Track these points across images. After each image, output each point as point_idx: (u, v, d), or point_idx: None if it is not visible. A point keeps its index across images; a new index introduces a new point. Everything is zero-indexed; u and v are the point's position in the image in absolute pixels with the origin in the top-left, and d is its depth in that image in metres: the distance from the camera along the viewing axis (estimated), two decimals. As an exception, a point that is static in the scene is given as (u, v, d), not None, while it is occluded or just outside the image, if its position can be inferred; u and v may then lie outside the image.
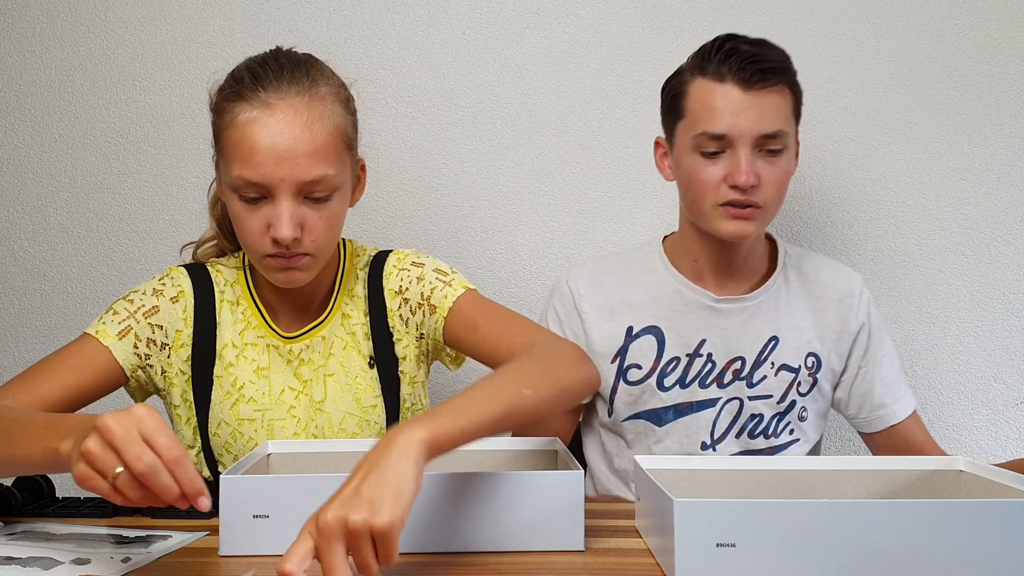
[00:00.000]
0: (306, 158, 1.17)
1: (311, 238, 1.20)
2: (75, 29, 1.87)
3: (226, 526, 0.96)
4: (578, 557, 0.96)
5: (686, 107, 1.39)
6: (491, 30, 1.83)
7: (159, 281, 1.30)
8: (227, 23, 1.85)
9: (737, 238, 1.38)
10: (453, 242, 1.84)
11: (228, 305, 1.31)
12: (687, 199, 1.42)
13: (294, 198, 1.18)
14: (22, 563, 0.92)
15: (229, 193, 1.21)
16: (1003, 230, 1.80)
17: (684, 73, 1.42)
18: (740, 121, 1.34)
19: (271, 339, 1.31)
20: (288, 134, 1.16)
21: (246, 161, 1.16)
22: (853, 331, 1.48)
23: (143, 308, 1.27)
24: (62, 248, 1.89)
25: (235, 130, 1.18)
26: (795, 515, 0.83)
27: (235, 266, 1.35)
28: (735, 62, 1.34)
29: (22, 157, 1.89)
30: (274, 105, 1.17)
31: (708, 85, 1.36)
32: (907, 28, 1.79)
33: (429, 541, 0.96)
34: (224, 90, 1.22)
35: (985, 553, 0.83)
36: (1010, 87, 1.79)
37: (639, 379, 1.46)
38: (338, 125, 1.21)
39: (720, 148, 1.36)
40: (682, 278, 1.48)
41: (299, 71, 1.21)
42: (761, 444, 1.46)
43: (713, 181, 1.36)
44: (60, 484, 1.25)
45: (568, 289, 1.50)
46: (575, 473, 0.98)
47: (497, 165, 1.84)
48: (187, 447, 1.31)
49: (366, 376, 1.31)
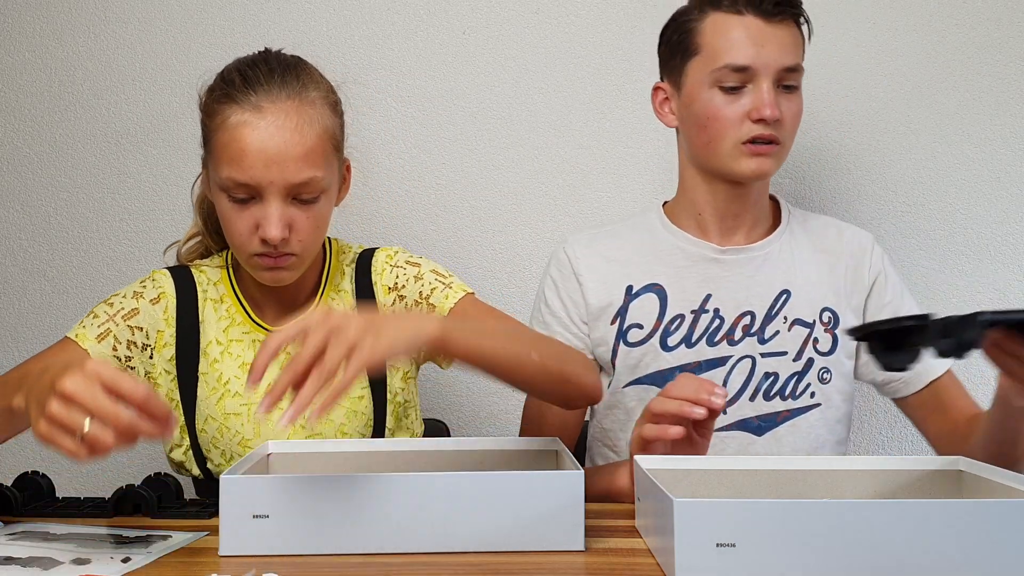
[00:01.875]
0: (295, 161, 1.19)
1: (298, 238, 1.23)
2: (75, 29, 1.87)
3: (226, 526, 0.96)
4: (578, 557, 0.96)
5: (700, 42, 1.36)
6: (491, 30, 1.83)
7: (140, 284, 1.33)
8: (227, 23, 1.85)
9: (757, 176, 1.36)
10: (453, 242, 1.84)
11: (211, 303, 1.33)
12: (700, 140, 1.38)
13: (283, 199, 1.20)
14: (22, 563, 0.92)
15: (218, 193, 1.23)
16: (1003, 230, 1.80)
17: (691, 11, 1.39)
18: (764, 52, 1.32)
19: (256, 334, 1.32)
20: (278, 137, 1.18)
21: (236, 163, 1.19)
22: (867, 283, 1.44)
23: (123, 311, 1.29)
24: (62, 248, 1.89)
25: (225, 132, 1.20)
26: (795, 515, 0.83)
27: (218, 265, 1.36)
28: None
29: (22, 157, 1.89)
30: (265, 108, 1.19)
31: (725, 18, 1.34)
32: (907, 28, 1.79)
33: (429, 541, 0.96)
34: (214, 91, 1.24)
35: (985, 553, 0.83)
36: (1010, 87, 1.79)
37: (640, 340, 1.42)
38: (326, 128, 1.24)
39: (741, 82, 1.33)
40: (682, 233, 1.44)
41: (289, 75, 1.23)
42: (779, 406, 1.40)
43: (736, 117, 1.33)
44: (60, 484, 1.25)
45: (565, 255, 1.47)
46: (575, 473, 0.98)
47: (497, 165, 1.84)
48: (175, 445, 1.32)
49: None
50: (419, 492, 0.96)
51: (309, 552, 0.96)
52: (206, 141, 1.25)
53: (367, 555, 0.95)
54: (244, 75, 1.22)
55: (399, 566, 0.92)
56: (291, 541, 0.96)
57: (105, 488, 1.55)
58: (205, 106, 1.25)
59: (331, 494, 0.96)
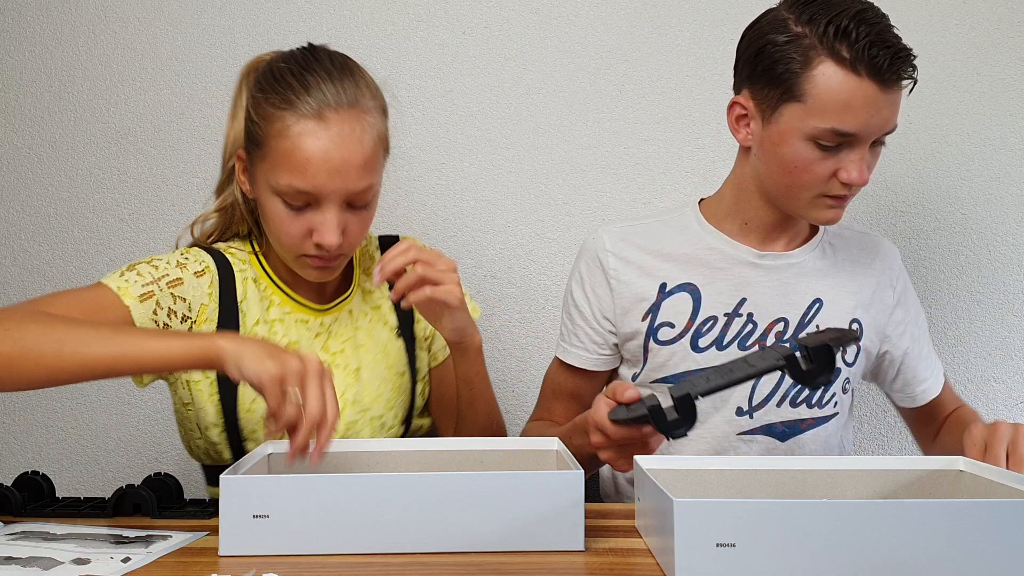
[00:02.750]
0: (356, 170, 1.20)
1: (349, 241, 1.25)
2: (75, 29, 1.87)
3: (226, 526, 0.96)
4: (578, 557, 0.96)
5: (807, 91, 1.26)
6: (491, 30, 1.83)
7: (181, 255, 1.29)
8: (227, 23, 1.85)
9: (830, 223, 1.36)
10: (453, 242, 1.84)
11: (251, 283, 1.32)
12: (781, 181, 1.33)
13: (340, 206, 1.22)
14: (22, 563, 0.92)
15: (270, 195, 1.23)
16: (1003, 230, 1.81)
17: (799, 43, 1.26)
18: (873, 122, 1.26)
19: (299, 313, 1.32)
20: (342, 148, 1.19)
21: (299, 172, 1.19)
22: (891, 304, 1.45)
23: (167, 277, 1.25)
24: (62, 248, 1.89)
25: (287, 140, 1.19)
26: (795, 515, 0.83)
27: (245, 249, 1.35)
28: (878, 58, 1.23)
29: (22, 157, 1.89)
30: (328, 118, 1.19)
31: (842, 75, 1.24)
32: (907, 28, 1.78)
33: (429, 541, 0.96)
34: (268, 93, 1.22)
35: (985, 553, 0.83)
36: (1010, 87, 1.79)
37: (671, 339, 1.40)
38: (380, 133, 1.25)
39: (840, 143, 1.28)
40: (720, 234, 1.42)
41: (347, 80, 1.23)
42: (804, 413, 1.39)
43: (825, 174, 1.29)
44: (60, 484, 1.25)
45: (594, 246, 1.45)
46: (575, 473, 0.98)
47: (497, 165, 1.84)
48: (211, 424, 1.30)
49: (395, 345, 1.37)
50: (419, 492, 0.96)
51: (309, 552, 0.96)
52: (259, 143, 1.23)
53: (367, 555, 0.95)
54: (301, 79, 1.21)
55: (399, 566, 0.92)
56: (291, 541, 0.96)
57: (105, 488, 1.55)
58: (259, 108, 1.23)
59: (331, 494, 0.96)
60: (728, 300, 1.40)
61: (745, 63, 1.34)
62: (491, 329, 1.84)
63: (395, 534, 0.96)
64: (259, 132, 1.22)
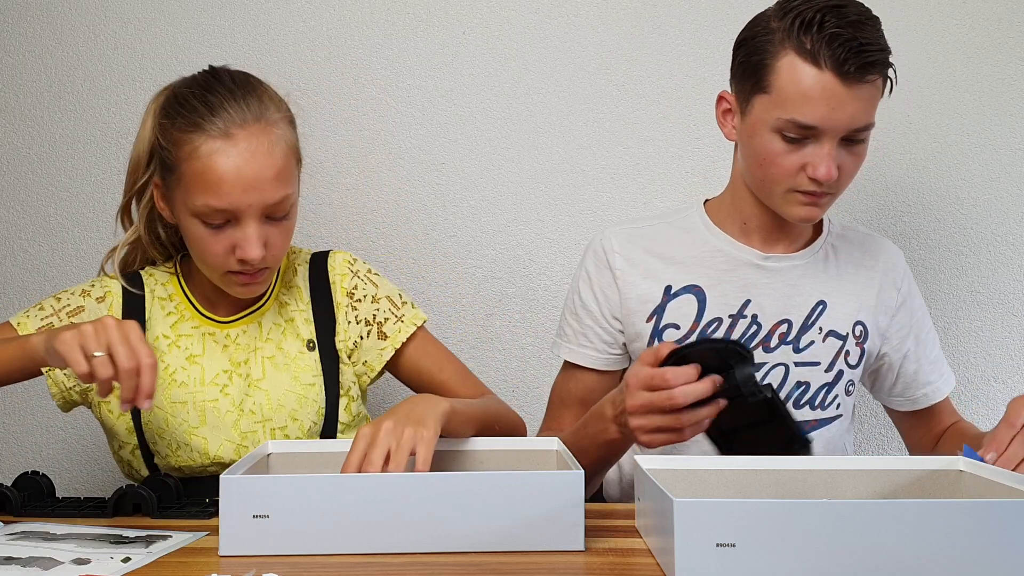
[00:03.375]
0: (270, 183, 1.23)
1: (272, 253, 1.27)
2: (75, 29, 1.87)
3: (226, 526, 0.96)
4: (578, 557, 0.96)
5: (772, 83, 1.27)
6: (491, 30, 1.83)
7: (89, 284, 1.37)
8: (226, 23, 1.85)
9: (805, 221, 1.35)
10: (453, 242, 1.84)
11: (159, 301, 1.36)
12: (756, 174, 1.34)
13: (259, 220, 1.24)
14: (22, 563, 0.92)
15: (189, 218, 1.25)
16: (1003, 230, 1.80)
17: (772, 35, 1.28)
18: (835, 116, 1.25)
19: (206, 327, 1.35)
20: (253, 163, 1.22)
21: (213, 191, 1.21)
22: (894, 306, 1.45)
23: (68, 307, 1.33)
24: (62, 248, 1.88)
25: (198, 161, 1.22)
26: (795, 515, 0.83)
27: (167, 270, 1.40)
28: (840, 50, 1.22)
29: (22, 157, 1.89)
30: (235, 135, 1.22)
31: (803, 68, 1.24)
32: (907, 28, 1.79)
33: (429, 541, 0.96)
34: (174, 118, 1.25)
35: (985, 553, 0.83)
36: (1010, 87, 1.79)
37: (676, 341, 1.38)
38: (290, 144, 1.28)
39: (805, 136, 1.27)
40: (725, 236, 1.42)
41: (250, 96, 1.26)
42: (808, 415, 1.39)
43: (792, 167, 1.29)
44: (60, 484, 1.25)
45: (602, 247, 1.45)
46: (575, 473, 0.98)
47: (497, 165, 1.84)
48: (123, 444, 1.35)
49: (304, 357, 1.36)
50: (419, 492, 0.96)
51: (309, 552, 0.96)
52: (170, 167, 1.25)
53: (367, 555, 0.96)
54: (206, 101, 1.24)
55: (399, 566, 0.92)
56: (291, 541, 0.96)
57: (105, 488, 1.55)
58: (164, 132, 1.25)
59: (331, 494, 0.96)
60: (733, 302, 1.40)
61: (733, 59, 1.37)
62: (491, 329, 1.84)
63: (395, 534, 0.96)
64: (170, 157, 1.25)
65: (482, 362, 1.82)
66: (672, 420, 1.09)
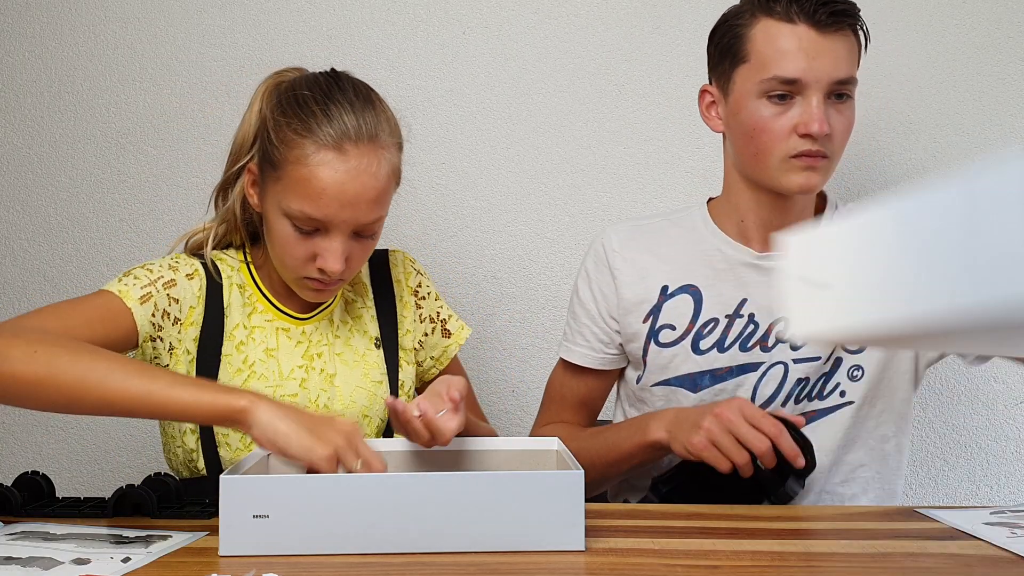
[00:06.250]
0: (368, 203, 1.22)
1: (351, 267, 1.27)
2: (75, 29, 1.87)
3: (226, 526, 0.96)
4: (578, 557, 0.96)
5: (749, 49, 1.31)
6: (491, 30, 1.83)
7: (172, 259, 1.31)
8: (227, 23, 1.85)
9: (804, 191, 1.33)
10: (453, 242, 1.84)
11: (236, 288, 1.33)
12: (748, 150, 1.34)
13: (347, 236, 1.23)
14: (22, 563, 0.92)
15: (280, 217, 1.24)
16: (1003, 230, 1.80)
17: (743, 14, 1.34)
18: (816, 65, 1.27)
19: (280, 321, 1.34)
20: (357, 182, 1.21)
21: (313, 200, 1.20)
22: None
23: (163, 279, 1.27)
24: (62, 248, 1.89)
25: (304, 168, 1.20)
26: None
27: (237, 258, 1.37)
28: (808, 4, 1.27)
29: (22, 157, 1.89)
30: (348, 151, 1.20)
31: (777, 26, 1.29)
32: (907, 28, 1.79)
33: (429, 541, 0.96)
34: (289, 118, 1.23)
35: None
36: (1010, 87, 1.79)
37: (672, 341, 1.40)
38: (394, 167, 1.27)
39: (790, 93, 1.29)
40: (723, 236, 1.41)
41: (368, 112, 1.24)
42: (807, 407, 1.38)
43: (783, 130, 1.30)
44: (60, 484, 1.25)
45: (602, 246, 1.45)
46: (575, 473, 0.98)
47: (497, 165, 1.84)
48: (188, 431, 1.30)
49: (372, 355, 1.37)
50: (419, 492, 0.96)
51: (309, 552, 0.96)
52: (274, 164, 1.23)
53: (367, 555, 0.96)
54: (324, 108, 1.22)
55: (399, 566, 0.92)
56: (291, 541, 0.96)
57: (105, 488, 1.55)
58: (277, 129, 1.23)
59: (331, 494, 0.96)
60: (729, 301, 1.40)
61: (708, 53, 1.42)
62: (491, 329, 1.84)
63: (395, 534, 0.96)
64: (276, 155, 1.23)
65: (482, 362, 1.82)
66: (733, 449, 1.17)
